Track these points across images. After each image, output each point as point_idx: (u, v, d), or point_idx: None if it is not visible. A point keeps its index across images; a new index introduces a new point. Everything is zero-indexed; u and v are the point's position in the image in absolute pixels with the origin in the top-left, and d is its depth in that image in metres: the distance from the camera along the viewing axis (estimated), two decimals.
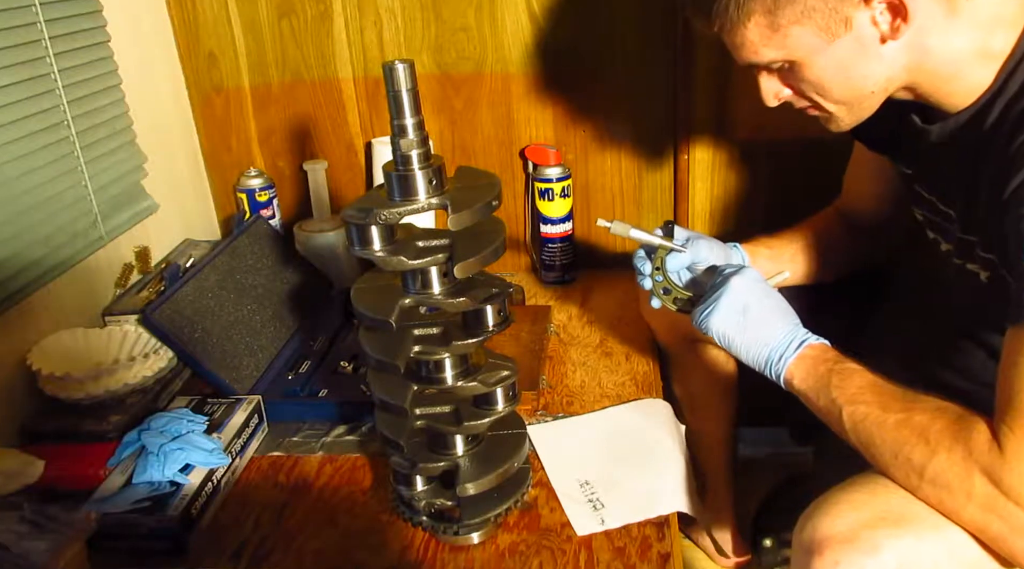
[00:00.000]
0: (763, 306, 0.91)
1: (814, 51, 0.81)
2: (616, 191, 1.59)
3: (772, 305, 0.92)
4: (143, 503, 0.96)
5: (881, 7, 0.78)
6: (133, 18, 1.45)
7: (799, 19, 0.79)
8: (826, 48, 0.81)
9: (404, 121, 0.78)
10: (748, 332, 0.91)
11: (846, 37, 0.79)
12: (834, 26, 0.79)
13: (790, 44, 0.81)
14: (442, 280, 0.85)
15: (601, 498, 1.00)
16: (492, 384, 0.88)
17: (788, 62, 0.84)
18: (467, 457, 0.91)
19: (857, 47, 0.80)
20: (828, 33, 0.79)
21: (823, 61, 0.82)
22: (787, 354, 0.88)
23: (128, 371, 1.14)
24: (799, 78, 0.85)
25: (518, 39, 1.49)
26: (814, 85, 0.85)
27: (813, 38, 0.80)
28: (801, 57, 0.82)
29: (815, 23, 0.79)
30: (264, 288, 1.38)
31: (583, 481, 1.03)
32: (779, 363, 0.89)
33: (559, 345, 1.37)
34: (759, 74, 0.89)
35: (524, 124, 1.56)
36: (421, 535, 0.96)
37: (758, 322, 0.91)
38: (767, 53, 0.83)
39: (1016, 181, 0.74)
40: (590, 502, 0.99)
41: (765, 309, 0.91)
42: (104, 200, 1.34)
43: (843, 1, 0.77)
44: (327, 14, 1.51)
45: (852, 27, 0.79)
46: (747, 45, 0.84)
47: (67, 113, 1.26)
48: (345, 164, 1.63)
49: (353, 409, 1.17)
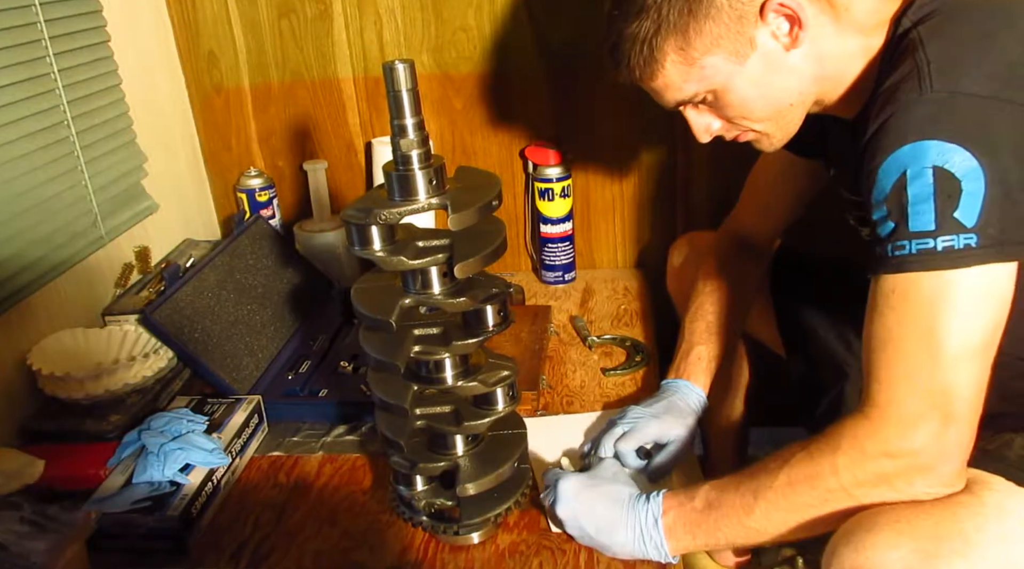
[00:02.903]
0: (594, 515, 0.89)
1: (731, 75, 0.86)
2: (616, 191, 1.59)
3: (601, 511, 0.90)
4: (143, 503, 0.96)
5: (777, 21, 0.84)
6: (133, 18, 1.45)
7: (709, 49, 0.84)
8: (740, 71, 0.86)
9: (404, 121, 0.78)
10: (601, 540, 0.89)
11: (754, 56, 0.85)
12: (741, 48, 0.84)
13: (708, 74, 0.86)
14: (442, 280, 0.85)
15: None
16: (492, 384, 0.88)
17: (710, 92, 0.88)
18: (467, 457, 0.91)
19: (767, 63, 0.85)
20: (738, 56, 0.85)
21: (740, 83, 0.87)
22: (657, 540, 0.86)
23: (128, 371, 1.14)
24: (723, 105, 0.90)
25: (518, 39, 1.49)
26: (738, 108, 0.90)
27: (726, 64, 0.85)
28: (720, 84, 0.87)
29: (724, 49, 0.84)
30: (264, 288, 1.38)
31: (557, 461, 1.03)
32: (661, 548, 0.86)
33: (559, 345, 1.37)
34: (687, 111, 0.93)
35: (524, 124, 1.56)
36: (421, 535, 0.96)
37: (601, 532, 0.89)
38: (689, 88, 0.88)
39: (868, 136, 0.78)
40: None
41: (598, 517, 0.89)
42: (104, 200, 1.34)
43: (743, 23, 0.83)
44: (327, 14, 1.51)
45: (756, 45, 0.84)
46: (670, 85, 0.88)
47: (67, 113, 1.26)
48: (345, 164, 1.63)
49: (353, 409, 1.17)
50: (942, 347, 0.73)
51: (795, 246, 1.30)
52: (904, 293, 0.75)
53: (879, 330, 0.77)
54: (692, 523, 0.85)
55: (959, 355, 0.73)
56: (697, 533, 0.85)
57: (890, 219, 0.76)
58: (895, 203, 0.75)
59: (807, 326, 1.24)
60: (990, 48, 0.76)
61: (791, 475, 0.79)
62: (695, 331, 1.15)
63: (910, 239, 0.74)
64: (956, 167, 0.72)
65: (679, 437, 1.02)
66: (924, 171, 0.73)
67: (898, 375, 0.75)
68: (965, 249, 0.72)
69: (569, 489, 0.91)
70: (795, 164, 1.14)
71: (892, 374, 0.76)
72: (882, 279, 0.77)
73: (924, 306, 0.74)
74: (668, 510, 0.86)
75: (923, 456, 0.74)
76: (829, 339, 1.20)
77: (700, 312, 1.17)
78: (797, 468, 0.79)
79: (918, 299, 0.74)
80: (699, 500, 0.85)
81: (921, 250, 0.73)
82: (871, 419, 0.76)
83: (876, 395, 0.77)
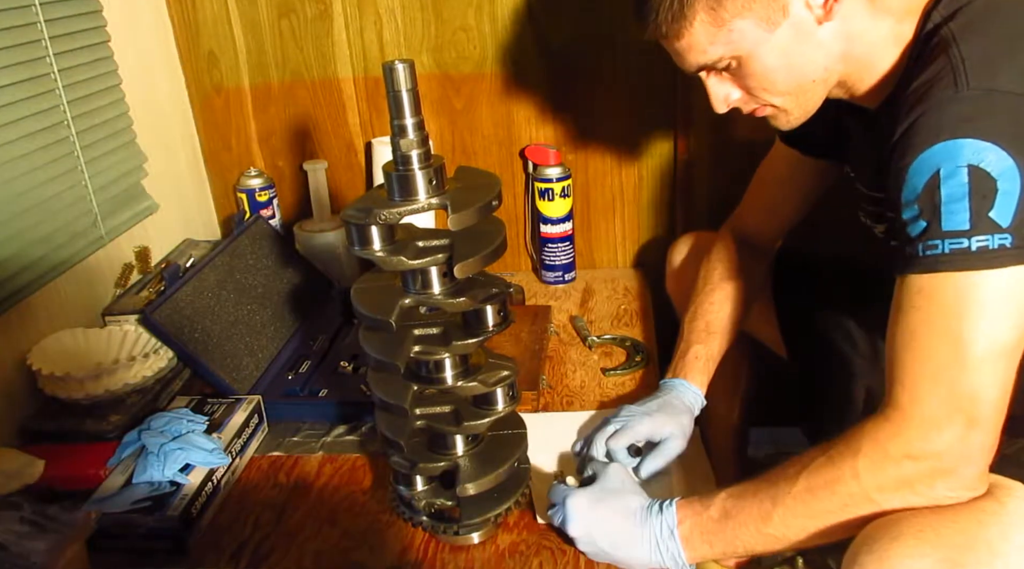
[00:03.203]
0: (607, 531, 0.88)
1: (758, 43, 0.84)
2: (616, 191, 1.59)
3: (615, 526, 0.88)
4: (143, 503, 0.96)
5: None
6: (133, 18, 1.45)
7: (740, 12, 0.83)
8: (768, 38, 0.84)
9: (404, 121, 0.78)
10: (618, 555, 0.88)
11: (785, 24, 0.83)
12: (773, 15, 0.83)
13: (735, 39, 0.85)
14: (442, 280, 0.84)
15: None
16: (492, 384, 0.88)
17: (734, 58, 0.87)
18: (467, 457, 0.91)
19: (796, 34, 0.84)
20: (768, 23, 0.83)
21: (767, 52, 0.85)
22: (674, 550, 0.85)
23: (128, 371, 1.14)
24: (745, 74, 0.88)
25: (518, 39, 1.49)
26: (760, 79, 0.88)
27: (755, 30, 0.84)
28: (746, 50, 0.85)
29: (755, 14, 0.83)
30: (264, 288, 1.38)
31: (557, 472, 1.03)
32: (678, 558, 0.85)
33: (559, 345, 1.37)
34: (707, 79, 0.92)
35: (524, 124, 1.56)
36: (421, 535, 0.96)
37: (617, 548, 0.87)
38: (714, 51, 0.86)
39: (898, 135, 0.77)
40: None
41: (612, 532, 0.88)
42: (104, 200, 1.34)
43: None
44: (327, 14, 1.51)
45: (789, 14, 0.83)
46: (695, 46, 0.86)
47: (67, 113, 1.26)
48: (345, 164, 1.63)
49: (353, 409, 1.17)
50: (968, 349, 0.72)
51: (798, 245, 1.30)
52: (932, 293, 0.74)
53: (904, 330, 0.76)
54: (709, 532, 0.83)
55: (985, 357, 0.72)
56: (715, 542, 0.83)
57: (922, 218, 0.74)
58: (927, 202, 0.74)
59: (809, 326, 1.24)
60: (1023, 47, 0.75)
61: (810, 480, 0.78)
62: (693, 330, 1.15)
63: (943, 239, 0.73)
64: (991, 166, 0.71)
65: (671, 434, 1.01)
66: (958, 170, 0.72)
67: (922, 377, 0.74)
68: (1000, 249, 0.71)
69: (578, 507, 0.89)
70: (803, 164, 1.13)
71: (916, 376, 0.74)
72: (910, 279, 0.75)
73: (952, 307, 0.73)
74: (684, 520, 0.85)
75: (946, 459, 0.73)
76: (834, 339, 1.20)
77: (699, 312, 1.17)
78: (817, 473, 0.78)
79: (945, 299, 0.73)
80: (715, 509, 0.83)
81: (954, 250, 0.72)
82: (893, 421, 0.75)
83: (899, 397, 0.75)
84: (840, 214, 1.10)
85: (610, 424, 1.03)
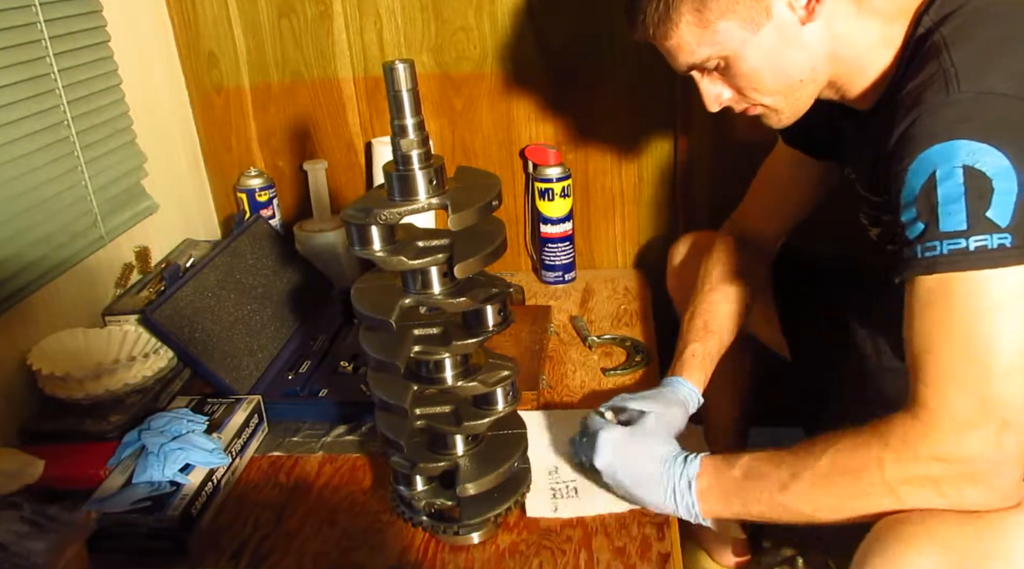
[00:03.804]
0: (632, 470, 0.91)
1: (743, 43, 0.87)
2: (616, 191, 1.59)
3: (639, 466, 0.91)
4: (143, 503, 0.96)
5: None
6: (133, 18, 1.45)
7: (724, 13, 0.85)
8: (753, 39, 0.86)
9: (404, 121, 0.78)
10: (636, 493, 0.91)
11: (768, 25, 0.85)
12: (757, 16, 0.85)
13: (720, 40, 0.87)
14: (442, 280, 0.85)
15: (566, 488, 1.00)
16: (492, 384, 0.88)
17: (722, 58, 0.89)
18: (467, 457, 0.91)
19: (780, 35, 0.86)
20: (752, 24, 0.85)
21: (752, 52, 0.87)
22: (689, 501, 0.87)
23: (128, 371, 1.14)
24: (734, 74, 0.90)
25: (518, 39, 1.49)
26: (748, 78, 0.90)
27: (740, 31, 0.86)
28: (733, 51, 0.87)
29: (739, 16, 0.85)
30: (264, 288, 1.38)
31: (552, 468, 1.03)
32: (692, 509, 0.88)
33: (559, 345, 1.37)
34: (700, 79, 0.94)
35: (524, 124, 1.56)
36: (421, 535, 0.96)
37: (638, 486, 0.91)
38: (702, 51, 0.88)
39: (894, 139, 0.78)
40: (552, 489, 1.00)
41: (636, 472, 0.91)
42: (104, 200, 1.34)
43: None
44: (327, 14, 1.51)
45: (772, 15, 0.85)
46: (682, 46, 0.89)
47: (67, 113, 1.26)
48: (345, 164, 1.63)
49: (353, 409, 1.17)
50: (994, 353, 0.72)
51: (799, 245, 1.30)
52: (939, 295, 0.74)
53: (919, 333, 0.76)
54: (726, 490, 0.85)
55: (1013, 360, 0.72)
56: (730, 501, 0.85)
57: (920, 220, 0.75)
58: (925, 204, 0.74)
59: (811, 327, 1.24)
60: (1015, 51, 0.76)
61: (835, 461, 0.79)
62: (691, 329, 1.15)
63: (941, 240, 0.73)
64: (987, 166, 0.72)
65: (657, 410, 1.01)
66: (954, 171, 0.73)
67: (945, 378, 0.74)
68: (999, 249, 0.71)
69: (611, 440, 0.92)
70: (805, 165, 1.14)
71: (938, 377, 0.74)
72: (916, 281, 0.76)
73: (961, 307, 0.73)
74: (704, 474, 0.87)
75: (978, 463, 0.73)
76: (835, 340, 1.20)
77: (698, 311, 1.17)
78: (843, 455, 0.78)
79: (954, 300, 0.73)
80: (738, 469, 0.85)
81: (952, 251, 0.73)
82: (922, 421, 0.75)
83: (924, 397, 0.75)
84: (842, 214, 1.10)
85: (601, 407, 1.04)
